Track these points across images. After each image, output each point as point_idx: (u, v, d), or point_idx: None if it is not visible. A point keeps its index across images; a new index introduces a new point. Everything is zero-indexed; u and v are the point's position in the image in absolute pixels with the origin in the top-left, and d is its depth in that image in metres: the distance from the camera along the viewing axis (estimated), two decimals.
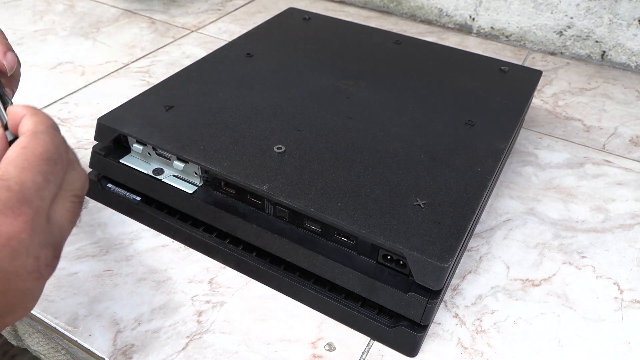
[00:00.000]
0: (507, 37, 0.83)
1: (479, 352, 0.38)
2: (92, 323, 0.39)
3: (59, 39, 0.77)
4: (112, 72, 0.70)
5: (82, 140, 0.57)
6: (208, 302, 0.41)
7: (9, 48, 0.35)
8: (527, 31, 0.81)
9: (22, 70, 0.39)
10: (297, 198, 0.39)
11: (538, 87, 0.66)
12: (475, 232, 0.48)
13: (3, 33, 0.36)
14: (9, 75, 0.35)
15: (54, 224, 0.25)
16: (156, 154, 0.45)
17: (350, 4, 0.94)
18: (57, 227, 0.26)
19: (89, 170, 0.49)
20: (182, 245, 0.45)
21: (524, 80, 0.56)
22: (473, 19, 0.85)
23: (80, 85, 0.67)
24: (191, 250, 0.45)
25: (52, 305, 0.40)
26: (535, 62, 0.78)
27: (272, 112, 0.48)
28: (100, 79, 0.68)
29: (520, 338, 0.40)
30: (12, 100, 0.32)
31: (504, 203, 0.52)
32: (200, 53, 0.74)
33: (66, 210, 0.26)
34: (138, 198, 0.47)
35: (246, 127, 0.46)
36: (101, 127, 0.46)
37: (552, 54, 0.81)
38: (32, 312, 0.39)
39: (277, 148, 0.43)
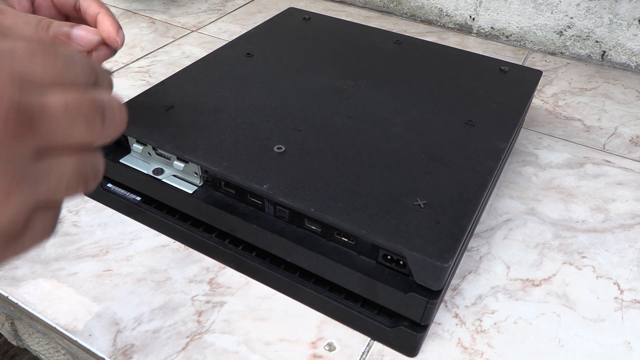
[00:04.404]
0: (507, 37, 0.83)
1: (479, 352, 0.38)
2: (92, 323, 0.39)
3: None
4: (112, 72, 0.70)
5: None
6: (208, 302, 0.41)
7: (120, 27, 0.40)
8: (527, 31, 0.81)
9: None
10: (297, 198, 0.39)
11: (538, 87, 0.66)
12: (475, 232, 0.48)
13: (110, 11, 0.40)
14: (117, 50, 0.40)
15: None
16: (156, 154, 0.45)
17: (350, 4, 0.94)
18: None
19: None
20: (182, 245, 0.45)
21: (524, 80, 0.56)
22: (473, 19, 0.85)
23: None
24: (191, 250, 0.45)
25: (52, 305, 0.40)
26: (535, 62, 0.78)
27: (272, 112, 0.48)
28: None
29: (520, 338, 0.40)
30: None
31: (504, 203, 0.52)
32: (200, 53, 0.74)
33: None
34: (138, 198, 0.47)
35: (246, 127, 0.46)
36: None
37: (552, 54, 0.81)
38: (32, 312, 0.39)
39: (277, 148, 0.43)
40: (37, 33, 0.37)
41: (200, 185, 0.44)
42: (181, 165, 0.44)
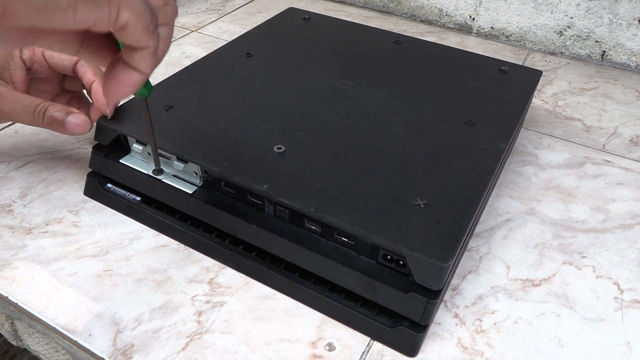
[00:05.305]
0: (507, 37, 0.83)
1: (479, 352, 0.38)
2: (92, 323, 0.39)
3: None
4: None
5: (81, 140, 0.57)
6: (208, 302, 0.41)
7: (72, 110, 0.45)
8: (527, 31, 0.81)
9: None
10: (297, 198, 0.39)
11: (538, 87, 0.66)
12: (475, 232, 0.48)
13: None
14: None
15: None
16: None
17: (350, 4, 0.94)
18: None
19: (89, 170, 0.49)
20: (182, 245, 0.45)
21: (524, 80, 0.56)
22: (473, 19, 0.85)
23: None
24: (191, 250, 0.45)
25: (52, 305, 0.40)
26: (535, 62, 0.78)
27: (272, 112, 0.48)
28: None
29: (520, 338, 0.40)
30: None
31: (504, 203, 0.52)
32: (200, 53, 0.74)
33: None
34: (138, 198, 0.47)
35: (246, 127, 0.46)
36: (101, 127, 0.46)
37: (552, 54, 0.81)
38: (32, 312, 0.39)
39: (277, 148, 0.43)
40: (34, 119, 0.43)
41: (200, 185, 0.44)
42: (181, 165, 0.44)
